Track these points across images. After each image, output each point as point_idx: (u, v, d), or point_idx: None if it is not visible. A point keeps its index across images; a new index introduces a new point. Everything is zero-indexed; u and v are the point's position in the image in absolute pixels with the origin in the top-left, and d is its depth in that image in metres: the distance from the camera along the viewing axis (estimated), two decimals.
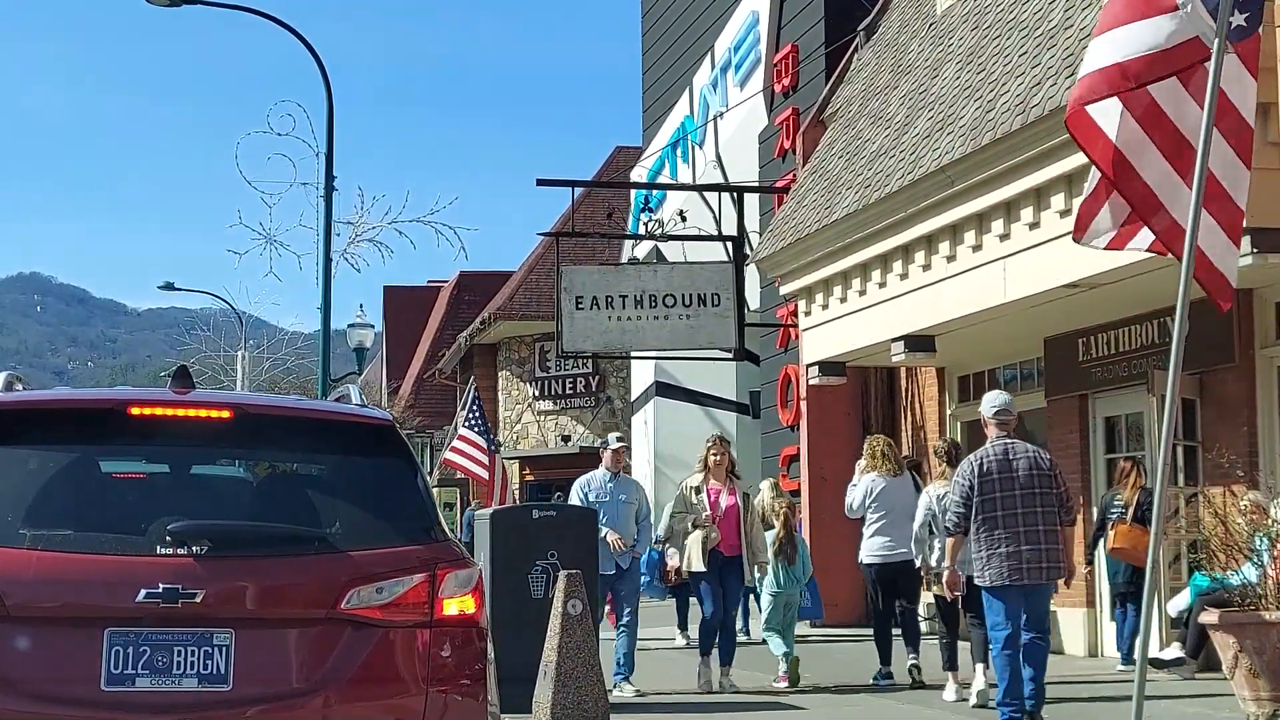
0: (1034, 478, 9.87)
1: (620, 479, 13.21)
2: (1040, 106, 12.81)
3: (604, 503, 12.80)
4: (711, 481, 12.91)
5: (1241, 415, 13.23)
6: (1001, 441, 10.03)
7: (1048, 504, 9.85)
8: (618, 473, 13.20)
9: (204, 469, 5.99)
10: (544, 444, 39.61)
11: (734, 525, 12.76)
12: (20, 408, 5.67)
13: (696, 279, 21.50)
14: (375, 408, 6.32)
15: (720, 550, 12.68)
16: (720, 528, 12.68)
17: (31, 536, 5.17)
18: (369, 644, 5.24)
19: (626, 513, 12.93)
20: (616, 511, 12.83)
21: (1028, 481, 9.85)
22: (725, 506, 12.77)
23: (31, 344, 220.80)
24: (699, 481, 12.95)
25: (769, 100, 23.93)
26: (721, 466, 12.97)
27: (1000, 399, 10.36)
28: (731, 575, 12.81)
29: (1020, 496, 9.84)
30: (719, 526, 12.67)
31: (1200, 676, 12.43)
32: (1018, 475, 9.87)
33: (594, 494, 12.93)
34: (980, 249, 14.48)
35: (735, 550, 12.75)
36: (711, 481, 12.91)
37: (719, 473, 12.97)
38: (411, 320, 56.97)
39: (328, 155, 23.76)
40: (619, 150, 39.33)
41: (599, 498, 12.88)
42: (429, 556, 5.41)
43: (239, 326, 43.45)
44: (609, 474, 13.12)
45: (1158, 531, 6.90)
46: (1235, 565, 10.40)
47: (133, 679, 5.05)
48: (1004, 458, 9.93)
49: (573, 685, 9.99)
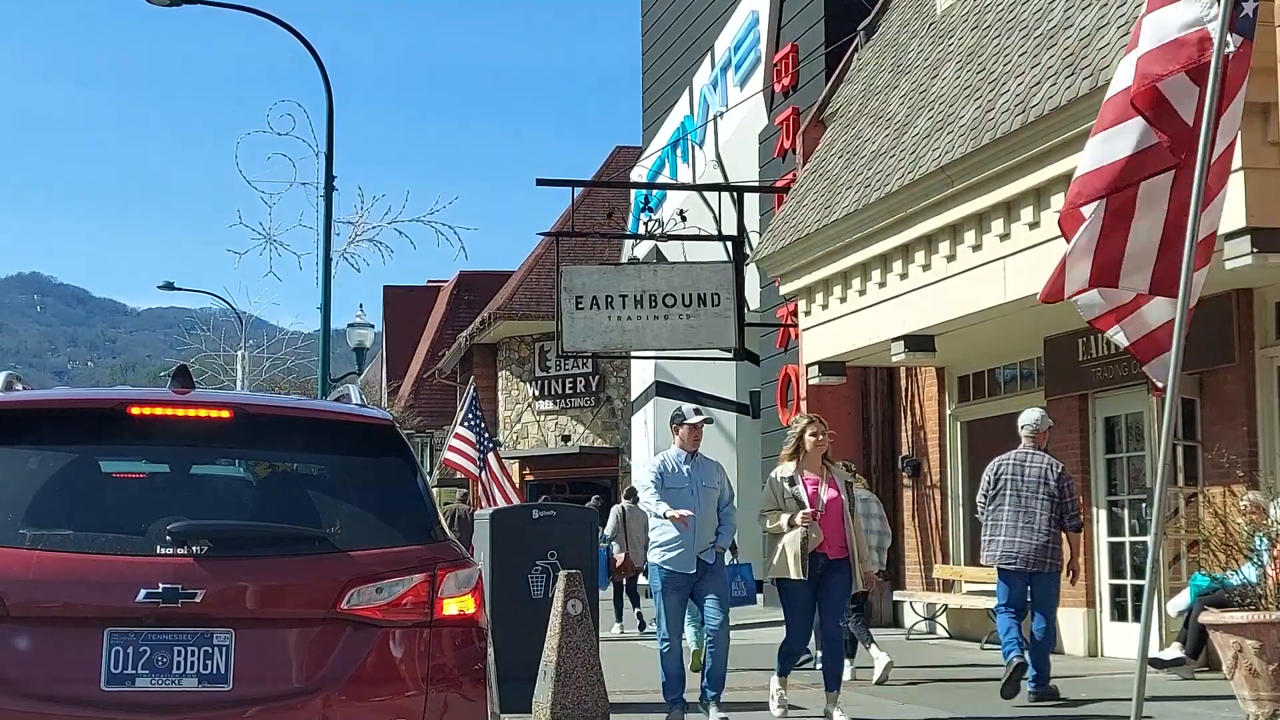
0: (1040, 484, 11.73)
1: (699, 460, 11.02)
2: (1040, 106, 12.81)
3: (679, 489, 10.83)
4: (807, 471, 10.88)
5: (1241, 415, 13.23)
6: (1024, 451, 11.96)
7: (1047, 508, 11.69)
8: (695, 452, 11.02)
9: (204, 469, 5.98)
10: (544, 444, 39.61)
11: (838, 523, 10.75)
12: (20, 407, 5.67)
13: (696, 279, 21.51)
14: (375, 407, 6.31)
15: (822, 553, 10.71)
16: (822, 526, 10.69)
17: (31, 536, 5.16)
18: (369, 644, 5.23)
19: (707, 500, 10.84)
20: (695, 499, 10.82)
21: (1034, 487, 11.74)
22: (827, 500, 10.76)
23: (31, 344, 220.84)
24: (792, 471, 10.87)
25: (769, 100, 23.93)
26: (821, 448, 10.93)
27: (1030, 416, 12.19)
28: (837, 582, 10.80)
29: (1024, 498, 11.74)
30: (820, 524, 10.68)
31: (1200, 676, 12.43)
32: (1027, 480, 11.78)
33: (669, 479, 10.85)
34: (980, 249, 14.48)
35: (841, 552, 10.76)
36: (807, 471, 10.88)
37: (815, 460, 10.91)
38: (411, 320, 57.00)
39: (328, 155, 23.78)
40: (619, 150, 39.34)
41: (675, 483, 10.82)
42: (429, 556, 5.40)
43: (239, 326, 43.48)
44: (684, 454, 11.00)
45: (1158, 531, 6.90)
46: (1235, 565, 10.40)
47: (133, 679, 5.04)
48: (1020, 464, 11.90)
49: (573, 685, 9.99)
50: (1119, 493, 15.35)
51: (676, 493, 10.73)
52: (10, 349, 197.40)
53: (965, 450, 18.41)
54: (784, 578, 10.66)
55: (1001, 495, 11.84)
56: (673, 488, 10.75)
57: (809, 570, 10.52)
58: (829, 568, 10.69)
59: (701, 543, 10.67)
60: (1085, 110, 12.29)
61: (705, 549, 10.69)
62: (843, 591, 10.83)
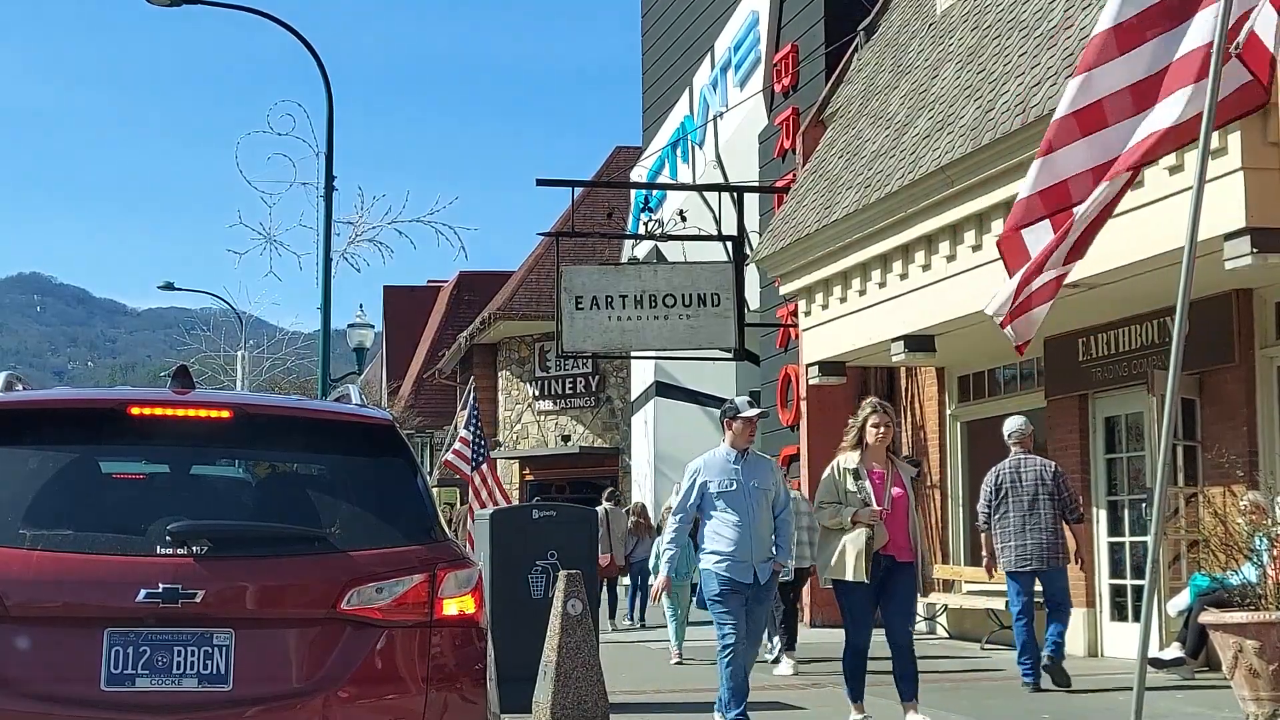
0: (1038, 485, 12.44)
1: (751, 459, 9.95)
2: (1040, 106, 12.81)
3: (729, 492, 9.73)
4: (872, 464, 9.83)
5: (1241, 415, 13.23)
6: (1017, 457, 12.63)
7: (1050, 507, 12.39)
8: (746, 450, 9.95)
9: (204, 469, 5.97)
10: (544, 444, 39.60)
11: (903, 522, 9.79)
12: (20, 407, 5.66)
13: (696, 279, 21.52)
14: (375, 407, 6.31)
15: (886, 554, 9.73)
16: (888, 524, 9.67)
17: (31, 536, 5.16)
18: (369, 644, 5.23)
19: (758, 503, 9.78)
20: (747, 502, 9.75)
21: (1034, 489, 12.43)
22: (893, 496, 9.76)
23: (31, 344, 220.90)
24: (855, 462, 9.82)
25: (769, 100, 23.93)
26: (884, 443, 9.87)
27: (1013, 424, 12.87)
28: (903, 585, 9.83)
29: (1026, 501, 12.42)
30: (886, 523, 9.67)
31: (1200, 676, 12.44)
32: (1026, 484, 12.46)
33: (716, 480, 9.80)
34: (980, 249, 14.48)
35: (908, 554, 9.77)
36: (872, 464, 9.83)
37: (879, 452, 9.87)
38: (411, 320, 57.00)
39: (328, 155, 23.80)
40: (619, 150, 39.33)
41: (723, 486, 9.76)
42: (429, 556, 5.40)
43: (239, 326, 43.48)
44: (734, 453, 9.90)
45: (1157, 532, 6.90)
46: (1235, 565, 10.41)
47: (132, 679, 5.04)
48: (1016, 470, 12.55)
49: (572, 685, 9.99)
50: (1119, 493, 15.35)
51: (725, 496, 9.72)
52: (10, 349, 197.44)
53: (965, 450, 18.41)
54: (841, 579, 9.71)
55: (1005, 502, 12.48)
56: (722, 490, 9.73)
57: (871, 572, 9.61)
58: (893, 570, 9.74)
59: (759, 551, 9.70)
60: None
61: (764, 560, 9.73)
62: (909, 595, 9.87)
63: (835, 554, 9.71)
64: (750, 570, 9.65)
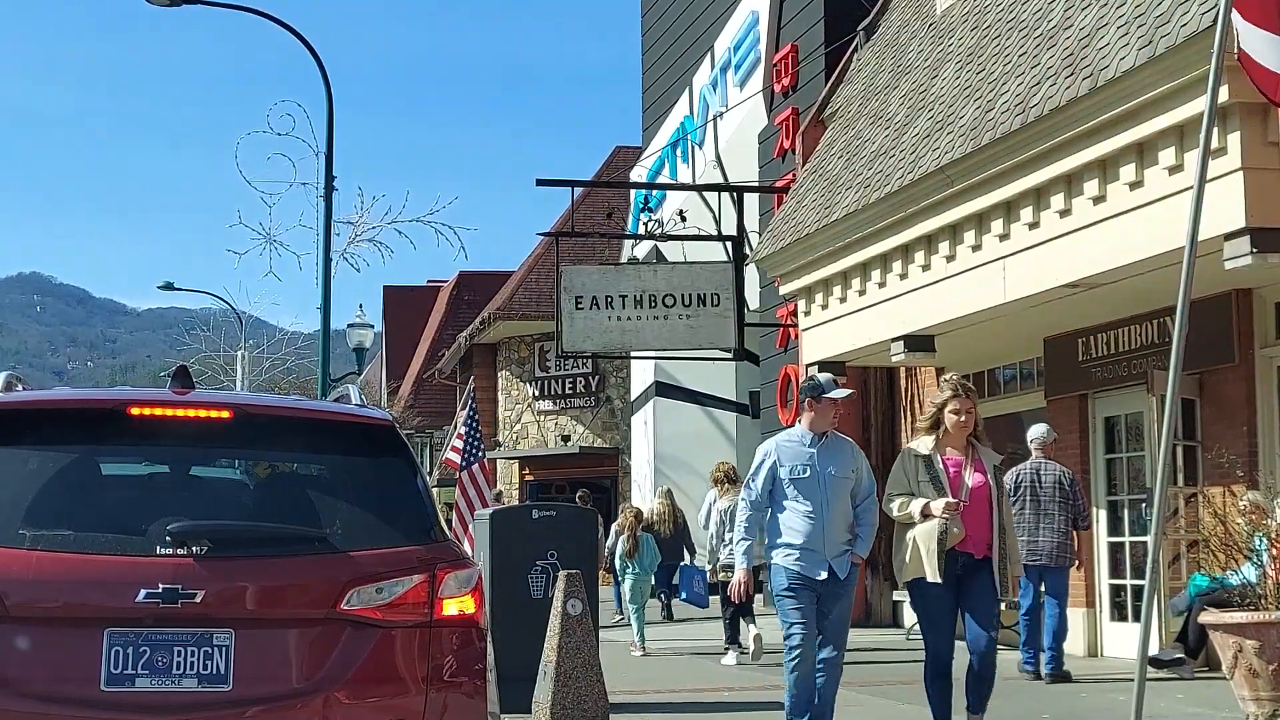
0: (1056, 489, 13.20)
1: (830, 442, 8.98)
2: (1040, 106, 12.81)
3: (802, 479, 8.84)
4: (949, 450, 8.79)
5: (1241, 415, 13.23)
6: (1038, 460, 13.37)
7: (1064, 510, 13.20)
8: (825, 434, 8.99)
9: (204, 469, 5.98)
10: (544, 444, 39.58)
11: (984, 515, 8.69)
12: (20, 408, 5.66)
13: (696, 279, 21.52)
14: (375, 408, 6.31)
15: (963, 550, 8.67)
16: (965, 518, 8.61)
17: (31, 537, 5.16)
18: (369, 644, 5.23)
19: (837, 492, 8.86)
20: (823, 490, 8.83)
21: (1051, 492, 13.19)
22: (972, 486, 8.69)
23: (31, 344, 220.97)
24: (930, 448, 8.80)
25: (769, 100, 23.93)
26: (965, 428, 8.77)
27: (1037, 431, 13.66)
28: (981, 586, 8.72)
29: (1043, 502, 13.17)
30: (963, 516, 8.62)
31: (1200, 676, 12.44)
32: (1045, 486, 13.20)
33: (789, 466, 8.88)
34: (980, 249, 14.48)
35: (987, 550, 8.71)
36: (949, 450, 8.79)
37: (959, 437, 8.80)
38: (411, 320, 57.00)
39: (328, 155, 23.81)
40: (619, 150, 39.32)
41: (796, 472, 8.86)
42: (429, 557, 5.40)
43: (239, 326, 43.49)
44: (811, 435, 8.96)
45: (1157, 531, 6.90)
46: (1235, 565, 10.41)
47: (132, 679, 5.04)
48: (1036, 473, 13.27)
49: (572, 685, 9.99)
50: (1119, 493, 15.35)
51: (798, 483, 8.83)
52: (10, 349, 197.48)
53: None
54: (913, 579, 8.73)
55: (1022, 500, 13.10)
56: (795, 477, 8.84)
57: (946, 571, 8.57)
58: (970, 569, 8.69)
59: (834, 544, 8.80)
60: (1085, 110, 12.30)
61: (839, 555, 8.81)
62: (989, 598, 8.74)
63: (906, 552, 8.69)
64: (823, 564, 8.75)
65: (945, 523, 8.52)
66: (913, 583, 8.74)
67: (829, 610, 8.85)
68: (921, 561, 8.61)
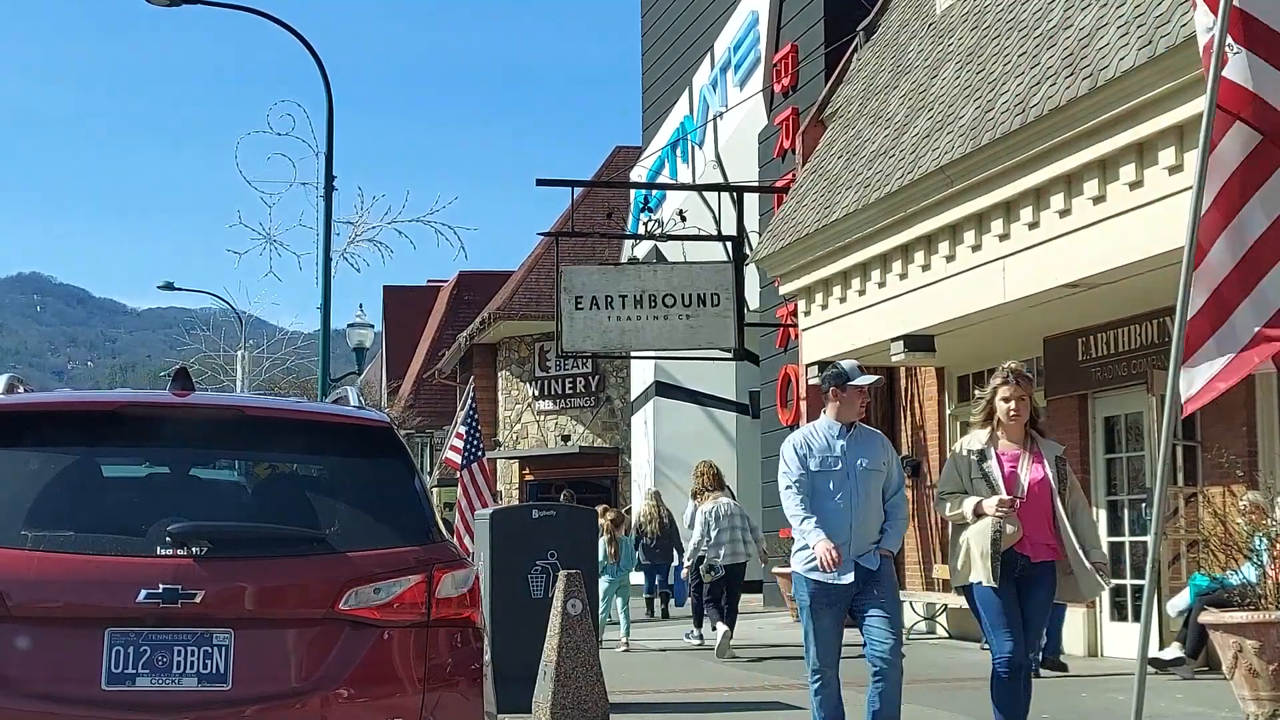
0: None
1: (859, 434, 8.36)
2: (1040, 106, 12.82)
3: (832, 472, 8.22)
4: (1003, 444, 8.17)
5: (1241, 415, 13.23)
6: None
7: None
8: (853, 424, 8.37)
9: (203, 471, 6.02)
10: (544, 444, 39.59)
11: (1045, 512, 8.02)
12: (22, 410, 5.70)
13: (696, 279, 21.53)
14: (373, 409, 6.35)
15: (1021, 552, 8.00)
16: (1022, 516, 7.96)
17: (33, 537, 5.19)
18: (367, 643, 5.26)
19: (868, 485, 8.24)
20: (852, 484, 8.21)
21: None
22: (1029, 482, 8.05)
23: (31, 344, 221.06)
24: (983, 443, 8.18)
25: (769, 100, 23.94)
26: (1019, 418, 8.14)
27: None
28: (1040, 590, 8.08)
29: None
30: (1020, 514, 7.97)
31: (1200, 676, 12.45)
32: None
33: (818, 458, 8.23)
34: (980, 249, 14.49)
35: (1048, 553, 8.08)
36: (1003, 444, 8.17)
37: (1015, 429, 8.18)
38: (411, 320, 57.00)
39: (327, 155, 23.82)
40: (619, 150, 39.32)
41: (825, 464, 8.23)
42: (426, 557, 5.43)
43: (239, 326, 43.50)
44: (839, 426, 8.31)
45: (1157, 531, 6.89)
46: (1235, 565, 10.42)
47: (133, 678, 5.07)
48: None
49: (572, 685, 9.99)
50: (1119, 493, 15.36)
51: (827, 475, 8.20)
52: (10, 349, 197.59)
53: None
54: (967, 584, 8.09)
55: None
56: (822, 470, 8.21)
57: (1002, 574, 7.91)
58: (1028, 574, 8.03)
59: (861, 541, 8.15)
60: (1085, 110, 12.31)
61: (866, 552, 8.16)
62: (1041, 614, 8.23)
63: (960, 554, 8.06)
64: (849, 565, 8.07)
65: (1000, 522, 7.88)
66: (968, 587, 8.08)
67: (870, 603, 8.10)
68: (974, 564, 7.96)
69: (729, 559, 16.68)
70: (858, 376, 8.31)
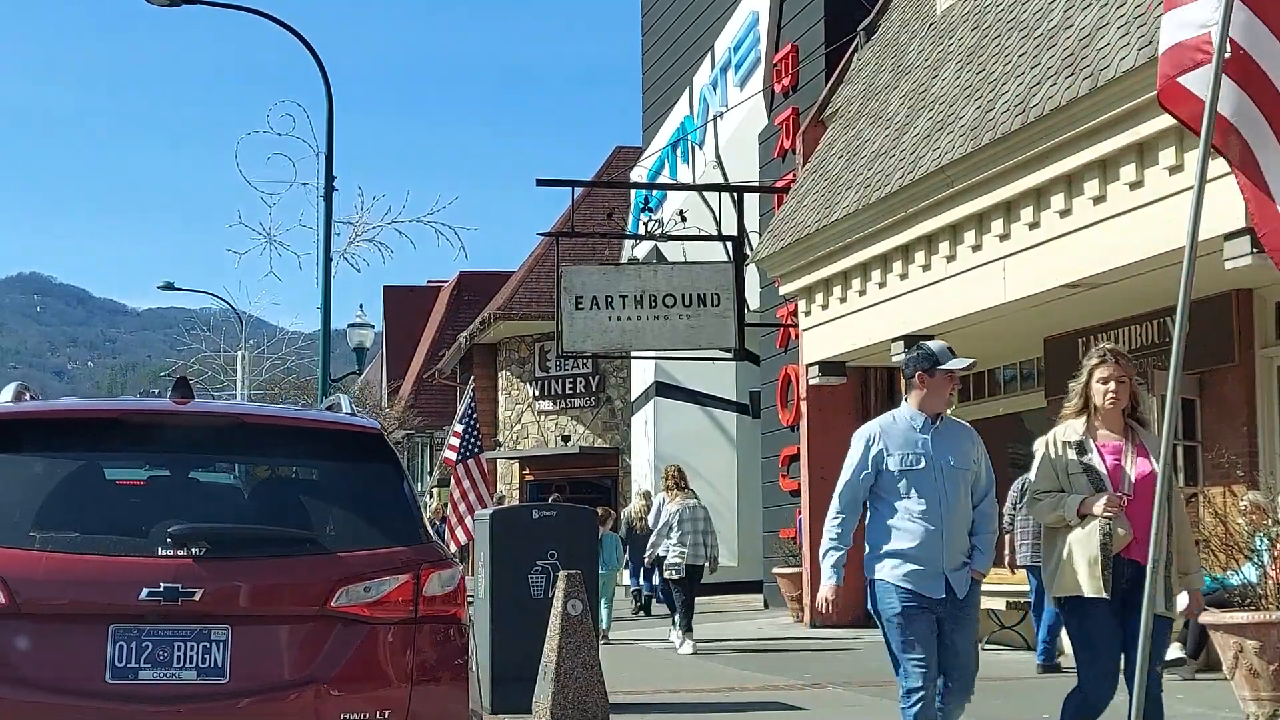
0: None
1: (945, 427, 7.22)
2: (1040, 106, 12.82)
3: (915, 471, 7.06)
4: (1102, 433, 6.98)
5: (1241, 415, 13.24)
6: None
7: None
8: (939, 416, 7.23)
9: (202, 475, 6.29)
10: (544, 444, 39.58)
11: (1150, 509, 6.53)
12: (30, 418, 5.94)
13: (696, 279, 21.53)
14: (364, 416, 6.55)
15: (1129, 558, 6.73)
16: (1130, 516, 6.73)
17: (41, 538, 5.42)
18: (357, 639, 5.48)
19: (955, 487, 7.11)
20: (938, 484, 7.08)
21: None
22: (1136, 477, 6.82)
23: (31, 344, 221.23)
24: (1080, 433, 7.01)
25: (769, 100, 23.94)
26: (1119, 403, 6.97)
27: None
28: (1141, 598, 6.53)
29: None
30: (1127, 513, 6.74)
31: (1200, 676, 12.45)
32: None
33: (899, 454, 7.09)
34: (980, 249, 14.50)
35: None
36: (1102, 433, 6.98)
37: (1114, 417, 6.99)
38: (411, 320, 57.00)
39: (328, 155, 23.82)
40: (619, 150, 39.31)
41: (908, 463, 7.08)
42: (413, 557, 5.66)
43: (239, 326, 43.51)
44: (924, 418, 7.16)
45: (1159, 530, 6.88)
46: (1235, 565, 10.42)
47: (135, 672, 5.29)
48: None
49: (572, 685, 9.99)
50: None
51: (910, 476, 7.07)
52: (10, 349, 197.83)
53: None
54: (1075, 595, 6.80)
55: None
56: (907, 469, 7.06)
57: (1112, 583, 6.71)
58: (1136, 582, 6.63)
59: (953, 554, 7.05)
60: (1085, 110, 12.31)
61: (958, 567, 7.04)
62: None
63: (1059, 560, 6.84)
64: (941, 581, 6.99)
65: (1109, 524, 6.70)
66: (1068, 600, 6.86)
67: (950, 640, 7.03)
68: (1078, 574, 6.75)
69: (691, 559, 16.94)
70: (949, 360, 7.19)
